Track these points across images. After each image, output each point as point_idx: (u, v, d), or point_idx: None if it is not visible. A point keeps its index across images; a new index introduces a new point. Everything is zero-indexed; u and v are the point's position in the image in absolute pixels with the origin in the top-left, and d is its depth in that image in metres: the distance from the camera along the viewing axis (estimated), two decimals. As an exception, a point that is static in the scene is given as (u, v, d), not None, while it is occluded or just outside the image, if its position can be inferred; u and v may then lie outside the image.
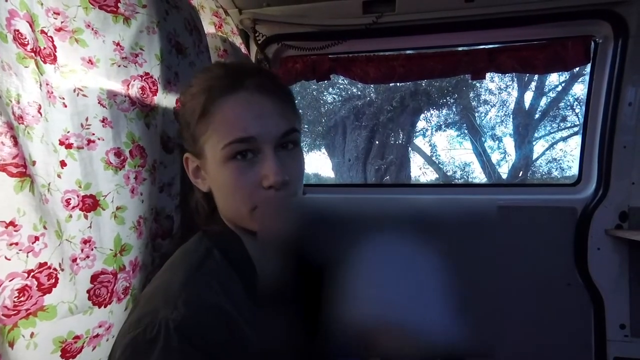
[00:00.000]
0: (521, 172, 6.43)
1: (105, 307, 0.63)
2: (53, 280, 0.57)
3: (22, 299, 0.53)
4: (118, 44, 0.66)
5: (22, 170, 0.53)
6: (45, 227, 0.56)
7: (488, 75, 1.44)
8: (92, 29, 0.63)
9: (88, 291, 0.61)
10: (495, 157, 6.64)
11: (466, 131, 6.70)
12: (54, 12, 0.60)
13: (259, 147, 0.58)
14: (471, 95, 6.47)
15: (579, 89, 5.81)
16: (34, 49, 0.56)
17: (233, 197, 0.59)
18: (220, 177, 0.59)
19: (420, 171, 6.93)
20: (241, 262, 0.62)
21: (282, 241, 0.61)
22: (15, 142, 0.53)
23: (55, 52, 0.60)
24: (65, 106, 0.60)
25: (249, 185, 0.58)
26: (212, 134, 0.58)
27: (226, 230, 0.63)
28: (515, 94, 6.34)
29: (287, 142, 0.61)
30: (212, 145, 0.58)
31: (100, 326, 0.62)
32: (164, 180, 0.81)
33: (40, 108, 0.56)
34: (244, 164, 0.58)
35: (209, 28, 1.21)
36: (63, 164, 0.59)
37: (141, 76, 0.71)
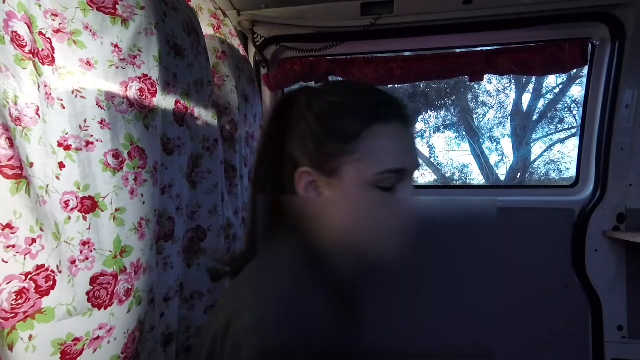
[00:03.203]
0: (519, 174, 6.44)
1: (105, 309, 0.62)
2: (51, 283, 0.57)
3: (20, 301, 0.53)
4: (116, 46, 0.66)
5: (18, 172, 0.53)
6: (42, 229, 0.56)
7: (486, 77, 1.44)
8: (90, 30, 0.63)
9: (87, 293, 0.60)
10: (493, 158, 6.66)
11: (464, 133, 6.71)
12: (52, 14, 0.59)
13: (403, 179, 0.59)
14: (469, 96, 6.48)
15: (577, 91, 5.83)
16: (32, 51, 0.56)
17: (367, 220, 0.60)
18: (358, 199, 0.59)
19: (418, 172, 6.93)
20: (328, 275, 0.61)
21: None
22: (11, 144, 0.53)
23: (54, 53, 0.60)
24: (64, 108, 0.60)
25: (388, 213, 0.60)
26: (361, 158, 0.57)
27: (311, 243, 0.62)
28: (513, 95, 6.35)
29: None
30: (358, 169, 0.58)
31: (100, 328, 0.62)
32: (165, 182, 0.81)
33: (38, 110, 0.56)
34: (386, 193, 0.58)
35: (207, 30, 1.21)
36: (62, 165, 0.59)
37: (140, 78, 0.71)
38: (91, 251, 0.61)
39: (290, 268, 0.58)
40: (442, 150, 6.97)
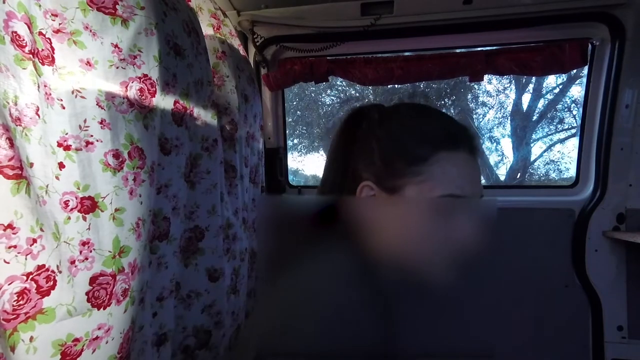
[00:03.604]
0: (519, 174, 6.44)
1: (104, 309, 0.62)
2: (51, 283, 0.57)
3: (21, 302, 0.53)
4: (116, 46, 0.66)
5: (19, 172, 0.53)
6: (42, 230, 0.56)
7: (486, 77, 1.44)
8: (90, 30, 0.63)
9: (87, 293, 0.60)
10: (493, 158, 6.65)
11: (464, 133, 6.69)
12: (52, 14, 0.59)
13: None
14: (469, 97, 6.47)
15: (577, 91, 5.83)
16: (32, 51, 0.56)
17: (420, 240, 0.62)
18: (416, 219, 0.61)
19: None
20: (373, 285, 0.63)
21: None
22: (11, 144, 0.53)
23: (54, 53, 0.60)
24: (64, 108, 0.60)
25: (441, 236, 0.61)
26: (425, 181, 0.59)
27: (361, 251, 0.64)
28: (513, 95, 6.35)
29: None
30: (421, 190, 0.60)
31: (99, 328, 0.62)
32: (161, 182, 0.81)
33: (38, 110, 0.56)
34: (443, 218, 0.60)
35: (207, 30, 1.21)
36: (61, 165, 0.59)
37: (139, 78, 0.71)
38: (90, 251, 0.61)
39: (339, 272, 0.60)
40: (442, 150, 6.96)
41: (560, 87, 6.06)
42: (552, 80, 6.11)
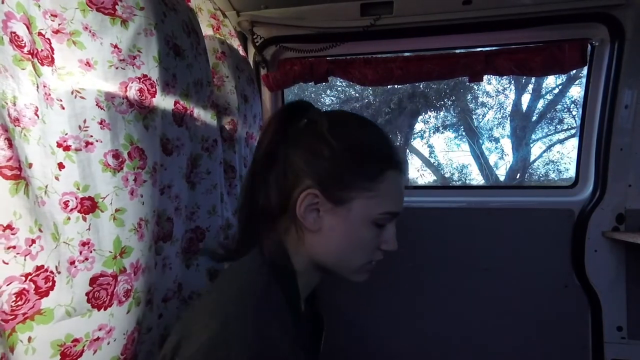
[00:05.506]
0: (519, 174, 6.44)
1: (105, 309, 0.62)
2: (50, 284, 0.57)
3: (19, 303, 0.53)
4: (116, 46, 0.66)
5: (17, 172, 0.53)
6: (40, 230, 0.56)
7: (485, 77, 1.44)
8: (90, 31, 0.63)
9: (87, 294, 0.60)
10: (492, 159, 6.65)
11: (464, 133, 6.70)
12: (52, 15, 0.59)
13: (392, 220, 0.67)
14: (469, 97, 6.47)
15: (576, 92, 5.83)
16: (31, 51, 0.56)
17: (356, 250, 0.65)
18: (357, 231, 0.63)
19: (418, 173, 6.93)
20: (294, 300, 0.63)
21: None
22: (10, 145, 0.53)
23: (53, 54, 0.60)
24: (63, 108, 0.60)
25: (373, 246, 0.66)
26: (374, 197, 0.62)
27: (288, 264, 0.65)
28: (512, 96, 6.35)
29: None
30: (368, 205, 0.62)
31: (100, 329, 0.62)
32: (164, 183, 0.81)
33: (37, 110, 0.56)
34: (379, 230, 0.65)
35: (206, 30, 1.21)
36: (61, 166, 0.58)
37: (139, 78, 0.70)
38: (91, 252, 0.61)
39: (254, 288, 0.58)
40: (442, 151, 6.97)
41: (560, 87, 6.06)
42: (551, 81, 6.11)
